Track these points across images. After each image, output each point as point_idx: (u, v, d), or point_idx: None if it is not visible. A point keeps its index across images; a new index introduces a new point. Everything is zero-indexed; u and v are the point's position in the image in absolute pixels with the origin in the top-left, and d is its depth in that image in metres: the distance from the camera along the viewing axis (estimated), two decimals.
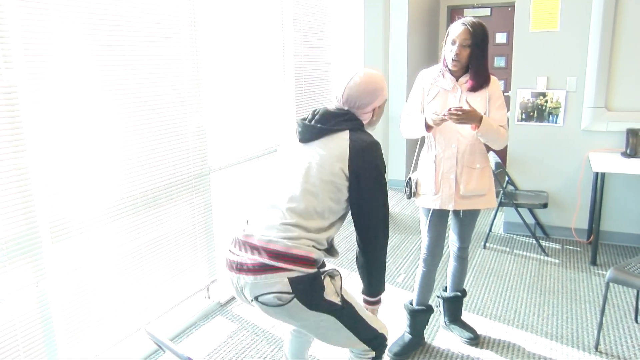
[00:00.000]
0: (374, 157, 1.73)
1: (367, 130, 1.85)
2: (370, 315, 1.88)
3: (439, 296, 2.97)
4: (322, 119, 1.77)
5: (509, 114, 4.44)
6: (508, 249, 4.21)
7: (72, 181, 2.30)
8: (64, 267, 2.30)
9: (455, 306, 2.91)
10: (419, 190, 2.64)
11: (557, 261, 3.95)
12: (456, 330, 2.91)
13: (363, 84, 1.78)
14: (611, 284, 3.44)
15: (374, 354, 1.89)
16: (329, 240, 1.79)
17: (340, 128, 1.75)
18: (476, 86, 2.47)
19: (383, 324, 1.91)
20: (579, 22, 4.04)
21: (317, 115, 1.79)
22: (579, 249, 4.20)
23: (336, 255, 1.84)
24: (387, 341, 1.93)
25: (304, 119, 1.83)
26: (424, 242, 2.70)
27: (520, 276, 3.70)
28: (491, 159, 4.27)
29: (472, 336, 2.85)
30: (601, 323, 2.74)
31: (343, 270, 3.80)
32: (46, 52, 2.13)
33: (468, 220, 2.67)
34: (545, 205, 4.07)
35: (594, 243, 3.85)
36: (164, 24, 2.70)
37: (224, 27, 3.21)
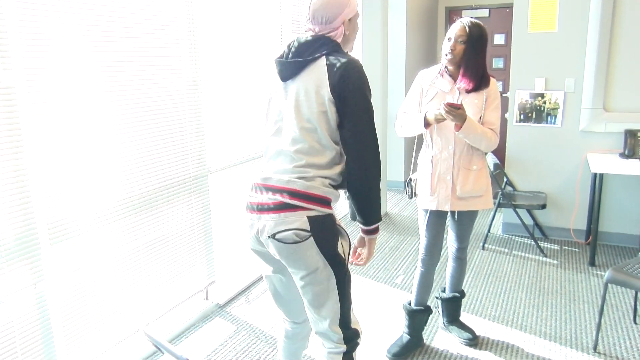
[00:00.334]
0: (354, 76, 1.69)
1: (346, 50, 1.81)
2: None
3: (437, 297, 2.97)
4: (297, 52, 1.75)
5: (507, 115, 4.45)
6: (507, 250, 4.21)
7: (71, 182, 2.29)
8: (63, 269, 2.30)
9: (453, 307, 2.92)
10: (417, 190, 2.64)
11: (555, 262, 3.96)
12: (455, 331, 2.91)
13: None
14: (610, 285, 3.45)
15: (345, 348, 1.86)
16: (343, 174, 1.79)
17: (316, 56, 1.72)
18: (474, 87, 2.47)
19: (358, 320, 1.91)
20: (577, 23, 4.05)
21: (292, 49, 1.76)
22: (577, 249, 4.21)
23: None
24: (360, 339, 1.91)
25: (280, 56, 1.80)
26: (422, 242, 2.70)
27: (519, 277, 3.70)
28: (490, 160, 4.28)
29: (470, 337, 2.85)
30: (600, 324, 2.75)
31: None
32: (44, 53, 2.12)
33: (466, 221, 2.68)
34: (544, 206, 4.08)
35: (593, 244, 3.85)
36: (163, 26, 2.70)
37: (223, 29, 3.21)
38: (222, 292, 3.38)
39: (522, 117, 4.35)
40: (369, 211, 1.79)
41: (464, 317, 3.07)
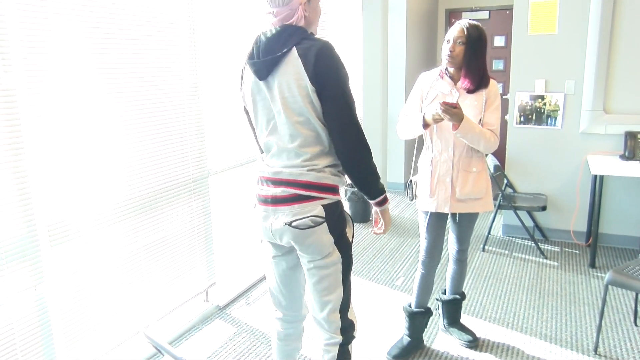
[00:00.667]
0: (326, 58, 1.70)
1: (310, 32, 1.81)
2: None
3: (438, 299, 2.97)
4: (267, 49, 1.75)
5: (507, 117, 4.45)
6: (507, 252, 4.21)
7: (71, 184, 2.29)
8: (63, 271, 2.30)
9: (454, 309, 2.91)
10: (417, 192, 2.65)
11: (556, 264, 3.96)
12: (455, 333, 2.90)
13: None
14: (610, 287, 3.44)
15: (341, 339, 1.90)
16: None
17: (287, 49, 1.72)
18: (473, 88, 2.47)
19: (355, 314, 1.97)
20: (577, 25, 4.05)
21: (261, 48, 1.77)
22: (577, 251, 4.20)
23: None
24: (355, 332, 1.96)
25: (250, 56, 1.80)
26: (422, 244, 2.70)
27: (519, 279, 3.70)
28: (490, 162, 4.28)
29: (471, 339, 2.85)
30: (600, 326, 2.74)
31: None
32: (45, 55, 2.13)
33: (466, 223, 2.68)
34: (544, 208, 4.07)
35: (593, 245, 3.85)
36: (163, 28, 2.71)
37: (223, 31, 3.22)
38: (223, 294, 3.38)
39: (522, 119, 4.35)
40: (369, 186, 1.84)
41: (464, 319, 3.06)
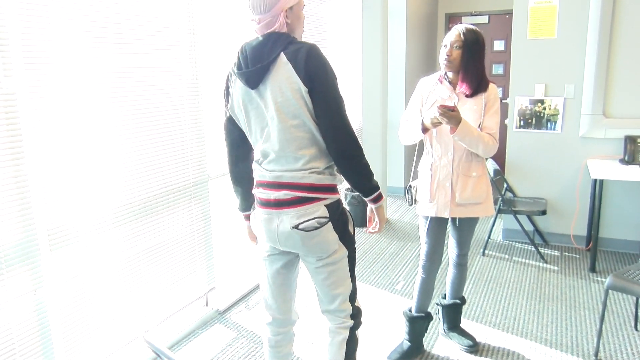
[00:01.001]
0: (314, 59, 1.73)
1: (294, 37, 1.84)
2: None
3: (438, 303, 2.97)
4: (254, 58, 1.77)
5: (507, 121, 4.45)
6: (507, 256, 4.21)
7: (71, 189, 2.29)
8: (62, 275, 2.29)
9: (454, 313, 2.91)
10: (417, 197, 2.65)
11: (556, 268, 3.95)
12: (455, 338, 2.90)
13: None
14: (610, 291, 3.44)
15: (352, 323, 1.99)
16: None
17: (274, 56, 1.75)
18: (471, 92, 2.48)
19: (359, 300, 2.05)
20: (577, 29, 4.06)
21: (248, 58, 1.79)
22: (577, 255, 4.20)
23: None
24: (362, 318, 2.05)
25: (239, 67, 1.82)
26: (422, 248, 2.70)
27: (520, 283, 3.69)
28: (490, 166, 4.28)
29: (471, 344, 2.84)
30: (601, 330, 2.74)
31: None
32: (46, 59, 2.13)
33: (466, 227, 2.67)
34: (544, 212, 4.07)
35: (593, 250, 3.85)
36: (164, 32, 2.71)
37: (223, 35, 3.22)
38: (222, 299, 3.38)
39: (522, 123, 4.35)
40: (362, 184, 1.87)
41: (464, 324, 3.06)
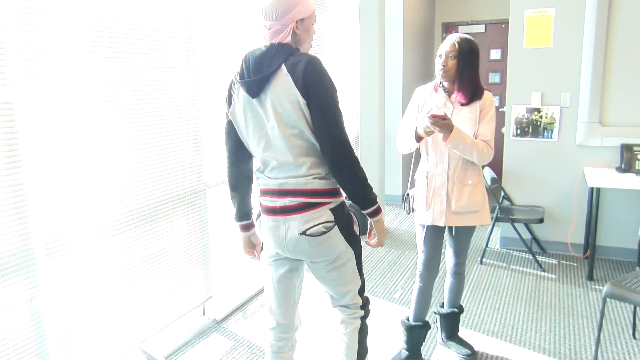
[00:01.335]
0: (314, 73, 1.76)
1: (298, 49, 1.86)
2: None
3: (436, 312, 2.96)
4: (256, 69, 1.80)
5: (504, 130, 4.47)
6: (505, 264, 4.20)
7: (68, 197, 2.29)
8: (59, 284, 2.28)
9: (452, 322, 2.90)
10: (414, 205, 2.65)
11: (553, 276, 3.95)
12: (453, 347, 2.89)
13: None
14: (608, 299, 3.44)
15: (363, 312, 2.06)
16: None
17: (275, 68, 1.77)
18: (466, 101, 2.49)
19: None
20: (572, 38, 4.09)
21: (251, 67, 1.82)
22: (575, 264, 4.20)
23: None
24: (370, 307, 2.13)
25: (241, 76, 1.85)
26: (420, 257, 2.70)
27: (518, 291, 3.69)
28: (487, 174, 4.29)
29: (469, 352, 2.83)
30: (599, 339, 2.73)
31: None
32: (43, 68, 2.13)
33: (463, 236, 2.67)
34: (541, 220, 4.08)
35: (591, 258, 3.85)
36: (161, 40, 2.72)
37: (221, 43, 3.23)
38: (219, 308, 3.36)
39: (519, 131, 4.37)
40: (358, 196, 1.87)
41: (462, 333, 3.05)
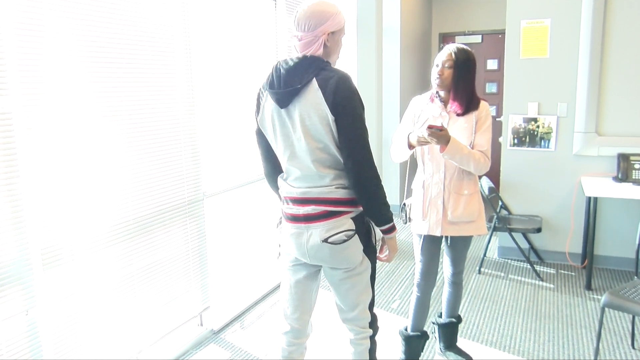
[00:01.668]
0: (344, 90, 1.80)
1: (329, 62, 1.90)
2: None
3: (434, 322, 2.95)
4: (287, 81, 1.84)
5: (501, 139, 4.48)
6: (503, 274, 4.20)
7: (66, 207, 2.28)
8: (55, 295, 2.27)
9: (450, 332, 2.89)
10: (411, 215, 2.65)
11: (552, 286, 3.94)
12: (452, 357, 2.87)
13: (313, 6, 1.86)
14: (607, 309, 3.43)
15: (371, 331, 2.09)
16: None
17: (306, 81, 1.81)
18: (463, 111, 2.50)
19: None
20: (568, 48, 4.12)
21: (282, 78, 1.86)
22: (573, 273, 4.20)
23: None
24: (378, 322, 2.16)
25: (271, 86, 1.89)
26: (417, 267, 2.69)
27: (516, 301, 3.68)
28: (484, 183, 4.29)
29: None
30: (598, 349, 2.73)
31: None
32: (41, 78, 2.14)
33: (459, 246, 2.67)
34: (539, 230, 4.08)
35: (589, 267, 3.85)
36: (159, 50, 2.73)
37: (219, 53, 3.25)
38: (217, 318, 3.35)
39: (516, 141, 4.38)
40: (377, 214, 1.92)
41: (461, 343, 3.04)
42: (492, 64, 6.75)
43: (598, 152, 4.13)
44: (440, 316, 2.93)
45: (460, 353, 2.87)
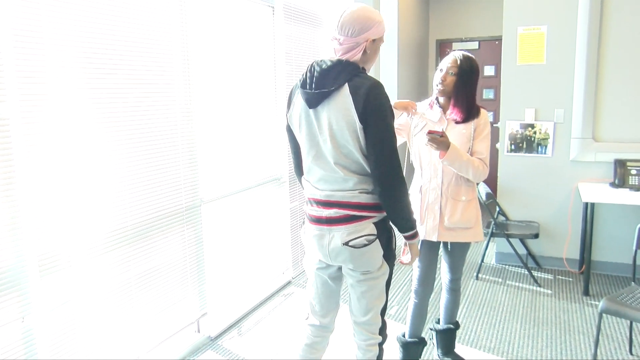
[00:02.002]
0: (375, 99, 1.80)
1: (364, 68, 1.91)
2: None
3: (432, 328, 2.94)
4: (320, 82, 1.85)
5: (498, 145, 4.49)
6: (500, 280, 4.20)
7: (63, 213, 2.28)
8: (52, 301, 2.26)
9: (448, 339, 2.88)
10: None
11: (549, 292, 3.94)
12: None
13: (357, 11, 1.86)
14: (604, 315, 3.43)
15: (380, 338, 2.10)
16: None
17: (338, 85, 1.82)
18: (462, 119, 2.50)
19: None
20: (565, 55, 4.14)
21: (315, 79, 1.86)
22: (571, 279, 4.20)
23: None
24: (387, 330, 2.16)
25: (303, 85, 1.90)
26: (415, 273, 2.69)
27: (513, 307, 3.68)
28: (482, 189, 4.30)
29: None
30: (596, 354, 2.73)
31: None
32: (39, 85, 2.14)
33: (457, 252, 2.67)
34: (537, 236, 4.08)
35: (586, 273, 3.85)
36: (157, 57, 2.74)
37: (217, 60, 3.25)
38: (214, 325, 3.34)
39: (513, 147, 4.39)
40: (400, 221, 1.95)
41: (459, 349, 3.03)
42: (489, 70, 6.78)
43: (595, 158, 4.14)
44: (438, 322, 2.92)
45: (459, 359, 2.87)
